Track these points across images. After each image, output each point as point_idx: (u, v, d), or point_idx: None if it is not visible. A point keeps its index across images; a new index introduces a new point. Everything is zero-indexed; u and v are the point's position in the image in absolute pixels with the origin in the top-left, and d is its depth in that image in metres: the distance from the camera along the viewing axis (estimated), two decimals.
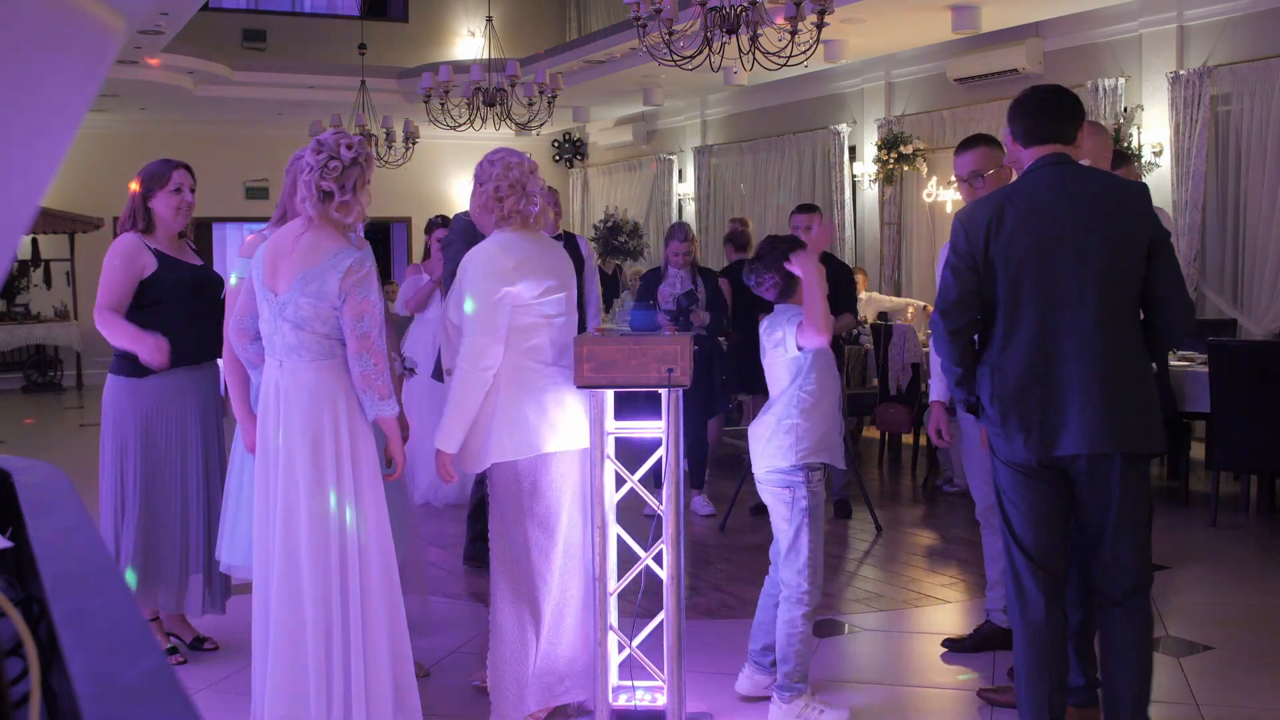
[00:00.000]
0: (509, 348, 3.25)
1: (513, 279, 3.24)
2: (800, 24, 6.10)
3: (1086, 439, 2.79)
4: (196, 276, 3.99)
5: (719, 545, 5.65)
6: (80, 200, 12.90)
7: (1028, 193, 2.88)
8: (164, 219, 3.92)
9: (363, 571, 3.04)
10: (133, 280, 3.84)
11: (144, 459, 3.84)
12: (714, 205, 13.38)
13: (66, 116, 0.65)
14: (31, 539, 1.23)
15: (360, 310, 2.98)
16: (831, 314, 3.43)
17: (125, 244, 3.89)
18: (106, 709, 0.79)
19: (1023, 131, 2.94)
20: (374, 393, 3.02)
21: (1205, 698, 3.57)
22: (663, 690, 3.34)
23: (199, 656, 4.05)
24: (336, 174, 3.01)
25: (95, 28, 0.64)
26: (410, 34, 14.88)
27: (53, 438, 9.87)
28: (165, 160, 3.99)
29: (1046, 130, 2.91)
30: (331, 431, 3.02)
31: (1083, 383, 2.79)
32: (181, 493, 3.90)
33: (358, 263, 3.00)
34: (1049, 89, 3.04)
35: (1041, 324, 2.83)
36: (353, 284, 2.98)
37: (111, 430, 3.88)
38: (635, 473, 3.42)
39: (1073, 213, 2.83)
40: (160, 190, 3.90)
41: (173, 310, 3.87)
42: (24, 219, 0.66)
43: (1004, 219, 2.86)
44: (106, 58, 0.65)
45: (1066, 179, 2.87)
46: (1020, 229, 2.84)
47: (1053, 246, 2.82)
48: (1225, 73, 7.94)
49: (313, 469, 3.00)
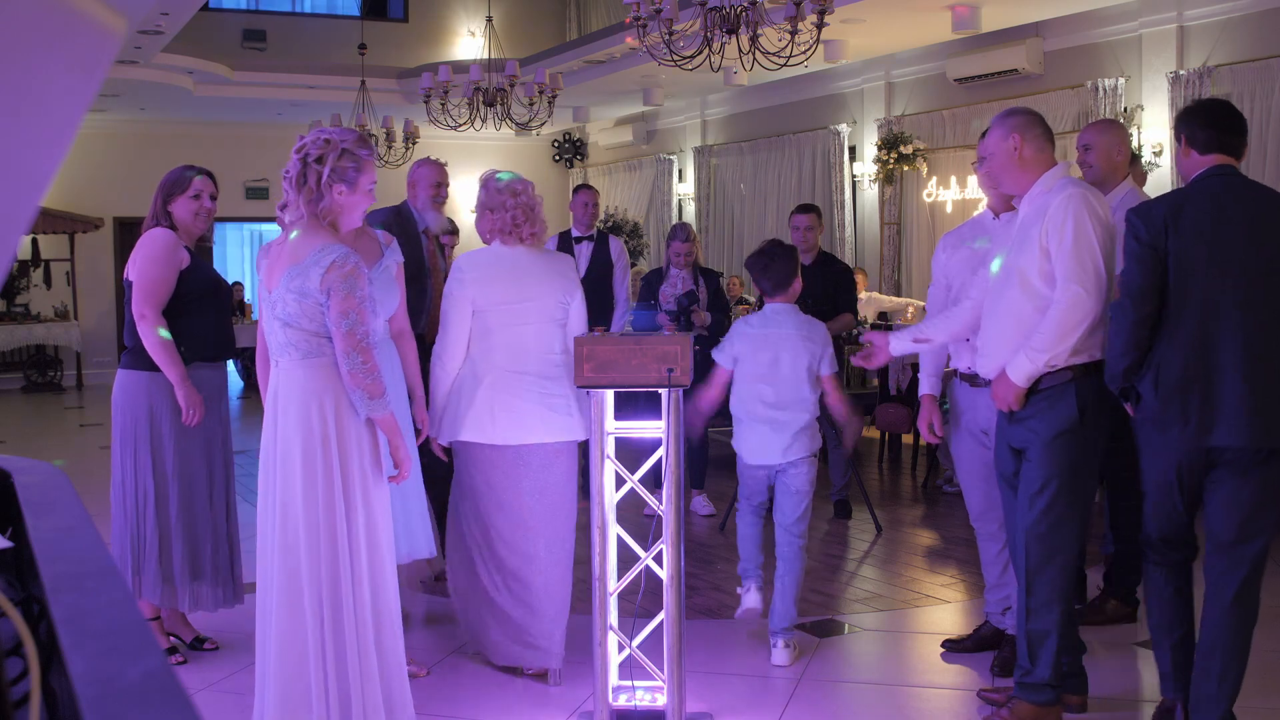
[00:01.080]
0: (471, 345, 3.78)
1: (468, 289, 3.74)
2: (800, 24, 6.10)
3: (1241, 433, 3.00)
4: (217, 278, 4.15)
5: (719, 545, 5.65)
6: (80, 200, 12.90)
7: (1207, 195, 3.12)
8: (183, 223, 3.98)
9: (354, 574, 3.02)
10: (174, 274, 3.90)
11: (175, 452, 3.90)
12: (714, 205, 13.38)
13: (66, 116, 0.65)
14: (31, 539, 1.23)
15: (345, 308, 2.93)
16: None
17: (164, 238, 3.92)
18: (106, 709, 0.79)
19: (1203, 140, 3.17)
20: (363, 392, 2.97)
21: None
22: (663, 690, 3.34)
23: (199, 656, 4.05)
24: (317, 172, 3.03)
25: (95, 28, 0.64)
26: (410, 34, 14.88)
27: (53, 438, 9.88)
28: (187, 166, 4.06)
29: (1224, 142, 3.17)
30: (320, 431, 2.99)
31: (1241, 380, 3.00)
32: (208, 488, 3.98)
33: (341, 258, 2.95)
34: (1225, 105, 3.29)
35: (1206, 321, 3.03)
36: (336, 280, 2.93)
37: (130, 425, 3.90)
38: (635, 473, 3.42)
39: (1246, 220, 3.06)
40: (180, 196, 3.97)
41: (201, 306, 3.97)
42: (24, 219, 0.66)
43: (1181, 217, 3.08)
44: (106, 58, 0.65)
45: (1240, 188, 3.13)
46: (1196, 229, 3.06)
47: (1224, 249, 3.05)
48: (1225, 73, 7.95)
49: (304, 469, 2.99)
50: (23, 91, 0.62)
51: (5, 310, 13.24)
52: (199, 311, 3.96)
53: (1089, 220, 3.17)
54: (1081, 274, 3.15)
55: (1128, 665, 3.97)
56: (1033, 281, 3.26)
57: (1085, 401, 3.24)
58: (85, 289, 13.46)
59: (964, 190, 9.98)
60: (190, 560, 3.93)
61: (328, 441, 2.99)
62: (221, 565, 4.01)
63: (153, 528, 3.87)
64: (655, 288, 6.27)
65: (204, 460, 3.97)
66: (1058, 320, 3.16)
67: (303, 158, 3.05)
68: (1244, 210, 3.07)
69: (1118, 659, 3.99)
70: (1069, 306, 3.15)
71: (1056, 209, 3.21)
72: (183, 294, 3.92)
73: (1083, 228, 3.16)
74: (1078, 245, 3.15)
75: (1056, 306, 3.17)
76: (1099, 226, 3.19)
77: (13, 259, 0.70)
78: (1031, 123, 3.38)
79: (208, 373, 4.02)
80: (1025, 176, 3.36)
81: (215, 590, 4.00)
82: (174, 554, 3.90)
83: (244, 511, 4.23)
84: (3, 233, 0.65)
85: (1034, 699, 3.28)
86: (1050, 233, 3.20)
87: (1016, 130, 3.35)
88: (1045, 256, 3.22)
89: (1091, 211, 3.19)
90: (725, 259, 12.95)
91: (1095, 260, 3.16)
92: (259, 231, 17.80)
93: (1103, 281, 3.18)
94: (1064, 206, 3.20)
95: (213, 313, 4.04)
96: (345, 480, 3.02)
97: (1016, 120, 3.39)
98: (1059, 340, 3.17)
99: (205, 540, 3.96)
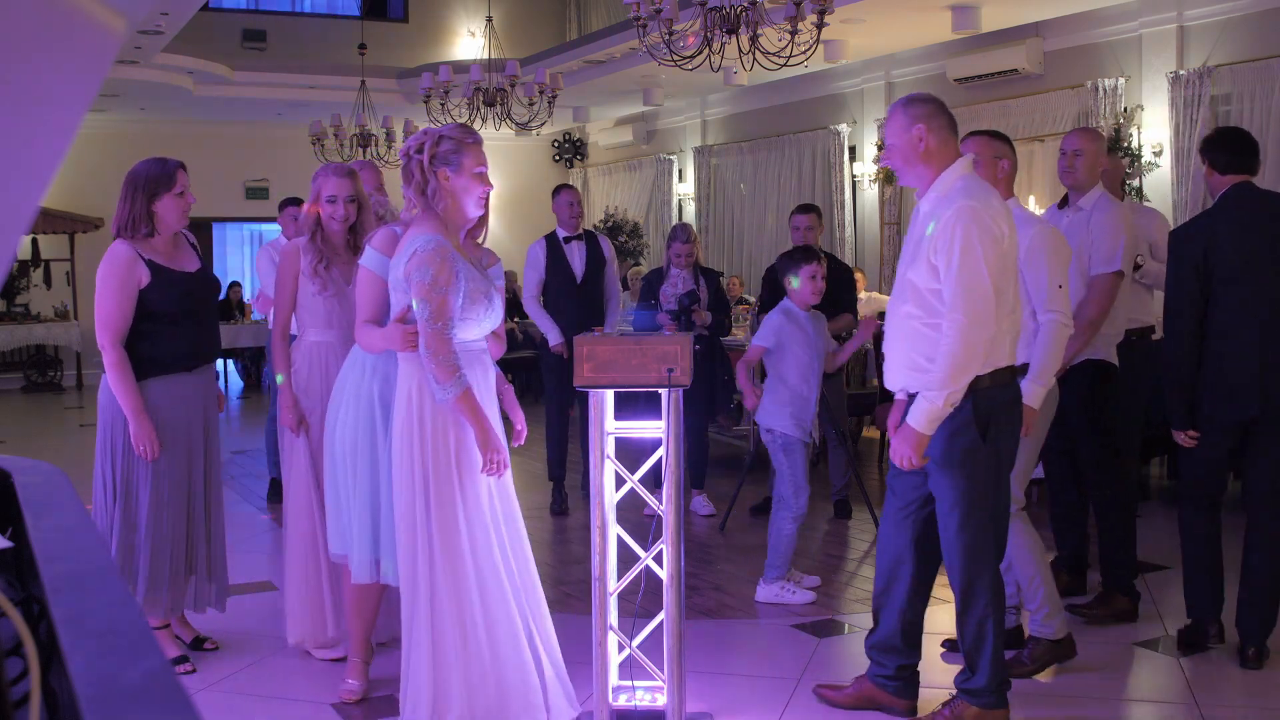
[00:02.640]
0: None
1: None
2: (800, 24, 6.10)
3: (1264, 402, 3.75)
4: (190, 286, 3.87)
5: (719, 545, 5.65)
6: (80, 200, 12.90)
7: (1234, 212, 3.80)
8: (167, 223, 3.79)
9: (431, 565, 3.12)
10: (132, 296, 3.73)
11: (143, 460, 3.77)
12: (714, 205, 13.38)
13: (66, 117, 0.65)
14: (31, 539, 1.23)
15: (420, 294, 3.06)
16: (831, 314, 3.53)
17: (119, 257, 3.74)
18: (106, 709, 0.79)
19: (1223, 163, 3.85)
20: (430, 377, 3.08)
21: (1205, 698, 3.57)
22: (663, 690, 3.34)
23: (200, 657, 4.04)
24: (419, 161, 3.16)
25: (95, 28, 0.64)
26: (410, 34, 14.88)
27: (53, 438, 9.88)
28: (160, 160, 3.82)
29: (1240, 163, 3.84)
30: (407, 418, 3.15)
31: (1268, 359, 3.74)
32: (187, 493, 3.87)
33: (423, 245, 3.06)
34: (1239, 132, 4.06)
35: (1250, 315, 3.73)
36: (414, 266, 3.07)
37: (108, 432, 3.82)
38: (635, 473, 3.42)
39: (1273, 229, 3.77)
40: (166, 193, 3.76)
41: (164, 323, 3.79)
42: (24, 219, 0.66)
43: (1215, 235, 3.76)
44: (106, 58, 0.65)
45: (1264, 201, 3.85)
46: (1233, 242, 3.74)
47: (1258, 256, 3.75)
48: (1225, 73, 7.94)
49: (398, 457, 3.18)
50: (22, 91, 0.62)
51: (5, 310, 13.24)
52: (170, 324, 3.79)
53: (977, 239, 3.01)
54: (968, 302, 3.00)
55: (1125, 663, 3.97)
56: (925, 297, 3.14)
57: (986, 416, 3.14)
58: (85, 289, 13.43)
59: None
60: (170, 565, 3.81)
61: (411, 429, 3.14)
62: (199, 568, 3.91)
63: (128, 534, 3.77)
64: (656, 288, 6.27)
65: (184, 467, 3.85)
66: (948, 355, 3.03)
67: (406, 153, 3.20)
68: (1272, 221, 3.79)
69: (1119, 657, 3.99)
70: (955, 339, 3.01)
71: (944, 225, 3.04)
72: (148, 313, 3.75)
73: (970, 249, 3.00)
74: (964, 269, 3.00)
75: (945, 340, 3.04)
76: (989, 243, 3.02)
77: (13, 259, 0.70)
78: (936, 112, 3.18)
79: (188, 381, 3.87)
80: (928, 170, 3.17)
81: (202, 593, 3.93)
82: (155, 560, 3.77)
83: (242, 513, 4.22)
84: (3, 233, 0.65)
85: (977, 703, 3.29)
86: (939, 250, 3.05)
87: (921, 120, 3.14)
88: (934, 274, 3.09)
89: (981, 228, 3.02)
90: (725, 259, 12.95)
91: (982, 283, 3.01)
92: (259, 231, 17.78)
93: (991, 302, 3.02)
94: (951, 224, 3.03)
95: (187, 322, 3.84)
96: (431, 468, 3.12)
97: (921, 109, 3.17)
98: (953, 377, 3.04)
99: (180, 544, 3.84)
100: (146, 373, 3.78)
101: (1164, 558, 5.09)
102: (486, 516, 3.19)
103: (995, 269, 3.03)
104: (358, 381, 3.54)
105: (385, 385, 3.48)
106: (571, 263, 6.39)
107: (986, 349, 3.06)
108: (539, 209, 11.48)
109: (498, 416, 3.29)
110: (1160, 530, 5.52)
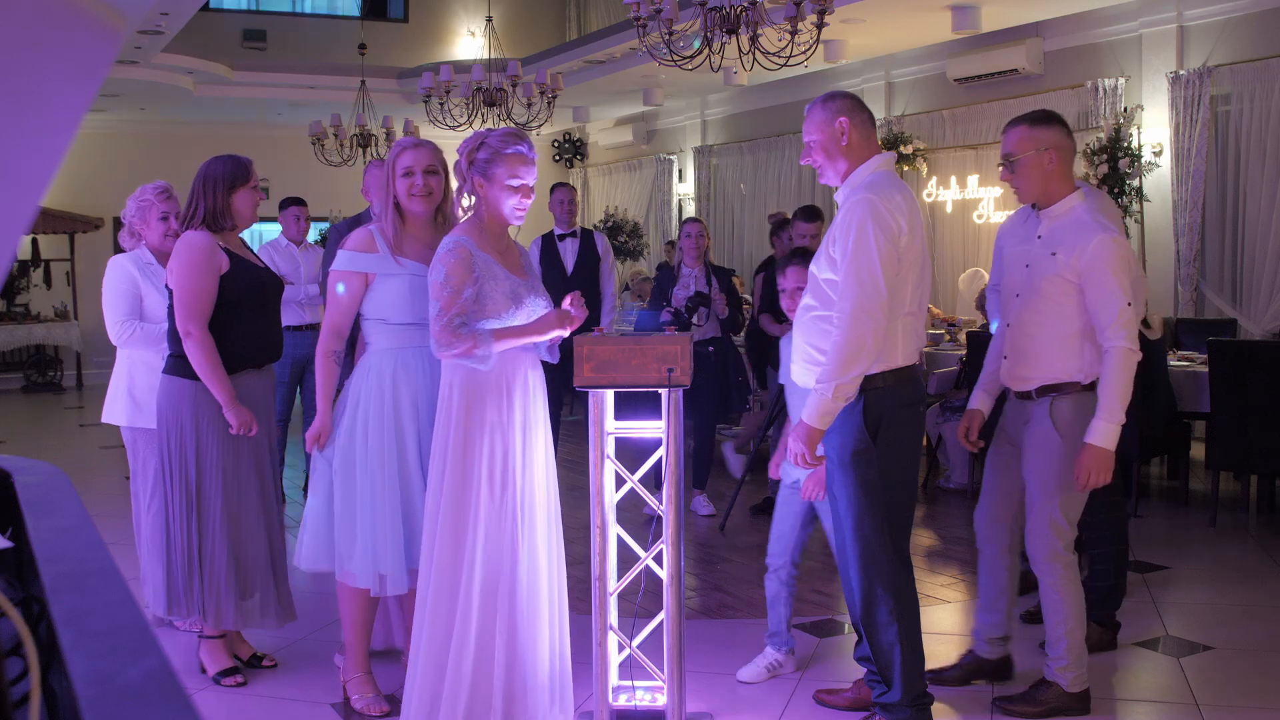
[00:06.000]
0: None
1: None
2: (800, 24, 6.10)
3: None
4: (263, 279, 3.80)
5: (719, 545, 5.65)
6: (80, 200, 12.89)
7: None
8: (244, 216, 3.76)
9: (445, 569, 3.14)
10: (215, 279, 3.62)
11: (222, 463, 3.65)
12: (714, 205, 13.39)
13: (67, 117, 0.65)
14: (31, 539, 1.23)
15: (432, 292, 3.15)
16: None
17: (200, 240, 3.64)
18: (106, 709, 0.79)
19: None
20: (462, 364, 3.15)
21: (1205, 698, 3.57)
22: (663, 690, 3.34)
23: (258, 674, 3.88)
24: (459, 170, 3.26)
25: (95, 28, 0.64)
26: (410, 34, 14.88)
27: (53, 438, 9.88)
28: (233, 156, 3.80)
29: None
30: (445, 420, 3.18)
31: None
32: (260, 500, 3.73)
33: (442, 248, 3.18)
34: None
35: None
36: (433, 266, 3.18)
37: (175, 437, 3.66)
38: (635, 473, 3.42)
39: None
40: (243, 187, 3.74)
41: (242, 313, 3.69)
42: (24, 219, 0.66)
43: None
44: (106, 58, 0.65)
45: None
46: None
47: None
48: (1225, 73, 7.94)
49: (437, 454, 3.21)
50: (23, 91, 0.62)
51: (5, 310, 13.23)
52: (242, 317, 3.68)
53: (872, 231, 2.96)
54: (858, 293, 2.96)
55: (1125, 663, 3.97)
56: (822, 289, 3.11)
57: (878, 417, 3.09)
58: (85, 289, 13.44)
59: (964, 190, 9.98)
60: (239, 576, 3.67)
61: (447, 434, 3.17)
62: (270, 581, 3.75)
63: (197, 544, 3.63)
64: (667, 289, 6.27)
65: (254, 471, 3.72)
66: (836, 346, 2.99)
67: (459, 153, 3.27)
68: None
69: (1119, 658, 3.99)
70: (843, 329, 2.98)
71: (843, 216, 3.03)
72: (224, 301, 3.64)
73: (864, 240, 2.96)
74: (855, 260, 2.97)
75: (835, 332, 3.00)
76: (883, 236, 2.97)
77: (13, 259, 0.70)
78: (857, 107, 3.16)
79: (255, 380, 3.77)
80: (847, 164, 3.14)
81: (266, 606, 3.75)
82: (219, 570, 3.63)
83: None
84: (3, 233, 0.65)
85: (893, 717, 3.24)
86: (836, 240, 3.03)
87: (844, 113, 3.12)
88: (832, 265, 3.05)
89: (877, 220, 2.97)
90: (725, 259, 12.95)
91: (874, 275, 2.95)
92: (259, 231, 17.78)
93: (881, 295, 2.97)
94: (847, 216, 3.01)
95: (258, 316, 3.75)
96: (468, 464, 3.14)
97: (843, 103, 3.15)
98: (843, 369, 2.98)
99: (258, 555, 3.71)
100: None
101: (1163, 558, 5.09)
102: (509, 523, 3.17)
103: (888, 262, 2.98)
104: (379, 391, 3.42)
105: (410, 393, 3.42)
106: (564, 259, 6.46)
107: (876, 343, 2.99)
108: (539, 208, 11.46)
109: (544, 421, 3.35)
110: (1160, 530, 5.53)
